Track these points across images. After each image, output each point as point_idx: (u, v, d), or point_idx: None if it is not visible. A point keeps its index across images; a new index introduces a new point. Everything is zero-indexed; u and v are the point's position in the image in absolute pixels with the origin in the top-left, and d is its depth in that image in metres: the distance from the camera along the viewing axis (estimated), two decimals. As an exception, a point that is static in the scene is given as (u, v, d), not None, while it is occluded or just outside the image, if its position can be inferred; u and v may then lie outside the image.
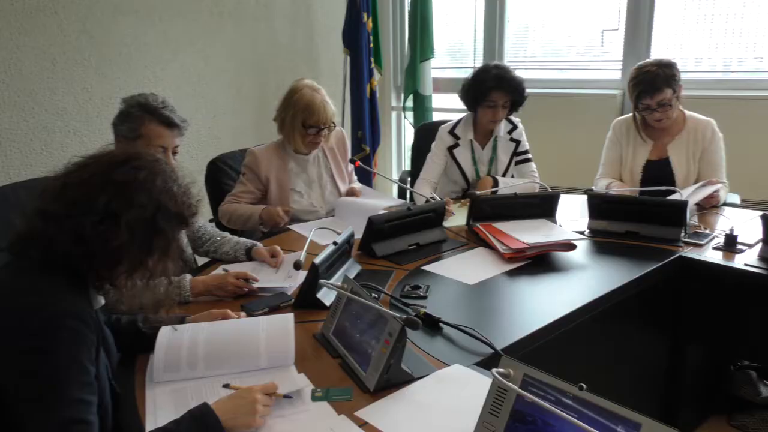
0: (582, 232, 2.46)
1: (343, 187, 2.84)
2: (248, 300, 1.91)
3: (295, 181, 2.75)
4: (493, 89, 2.85)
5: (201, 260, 2.38)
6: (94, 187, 1.24)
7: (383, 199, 2.77)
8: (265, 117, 2.84)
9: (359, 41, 4.26)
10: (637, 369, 2.29)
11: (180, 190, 1.32)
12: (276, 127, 2.75)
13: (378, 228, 2.27)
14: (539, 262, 2.21)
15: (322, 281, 1.73)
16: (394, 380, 1.42)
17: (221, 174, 2.93)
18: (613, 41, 4.18)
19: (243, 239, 2.30)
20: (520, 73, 2.95)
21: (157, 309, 1.36)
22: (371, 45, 4.35)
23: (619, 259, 2.26)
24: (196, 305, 1.88)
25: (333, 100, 2.75)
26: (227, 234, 2.37)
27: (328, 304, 1.80)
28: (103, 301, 1.33)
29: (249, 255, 2.23)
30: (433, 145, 3.06)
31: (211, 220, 2.86)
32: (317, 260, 1.81)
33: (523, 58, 4.61)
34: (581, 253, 2.30)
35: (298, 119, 2.63)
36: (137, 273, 1.28)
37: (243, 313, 1.75)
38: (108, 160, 1.29)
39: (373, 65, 4.39)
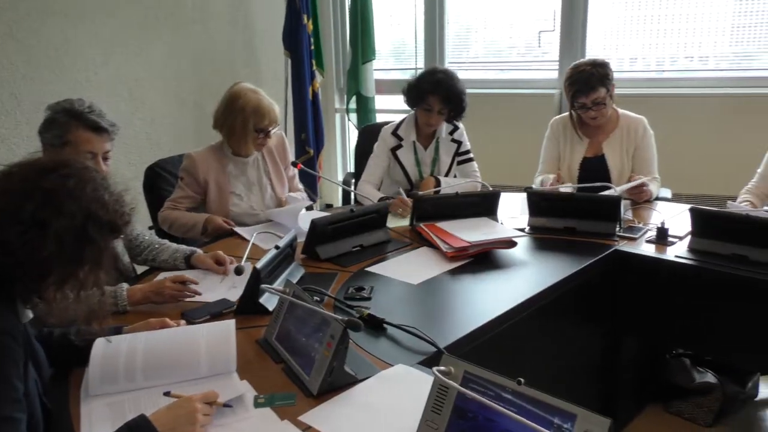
0: (522, 229, 2.51)
1: (281, 192, 2.81)
2: (189, 308, 1.87)
3: (234, 184, 2.72)
4: (430, 93, 2.87)
5: (141, 269, 2.32)
6: (20, 195, 1.19)
7: (298, 202, 2.75)
8: (207, 121, 2.78)
9: (300, 43, 4.23)
10: (577, 361, 2.35)
11: (112, 198, 1.28)
12: (216, 132, 2.71)
13: (321, 231, 2.26)
14: (482, 259, 2.24)
15: (263, 286, 1.71)
16: (337, 383, 1.42)
17: (160, 180, 2.87)
18: (551, 42, 4.29)
19: (183, 246, 2.26)
20: (463, 74, 2.98)
21: (89, 321, 1.31)
22: (312, 47, 4.32)
23: (558, 254, 2.31)
24: (135, 314, 1.83)
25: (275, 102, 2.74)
26: (166, 241, 2.31)
27: (271, 309, 1.78)
28: (31, 315, 1.28)
29: (189, 262, 2.19)
30: (376, 146, 3.07)
31: (150, 227, 2.80)
32: (259, 265, 1.78)
33: (466, 59, 4.69)
34: (522, 249, 2.34)
35: (250, 124, 2.60)
36: (67, 284, 1.23)
37: (183, 321, 1.71)
38: (35, 167, 1.25)
39: (314, 67, 4.37)
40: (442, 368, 1.22)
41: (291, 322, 1.60)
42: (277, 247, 1.95)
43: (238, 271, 1.96)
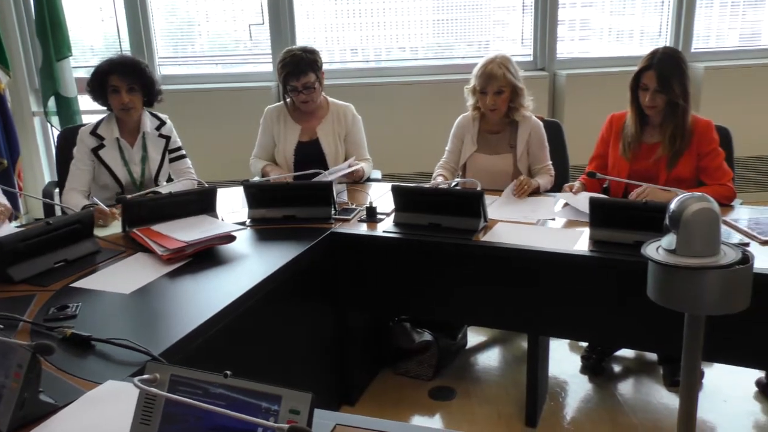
0: (243, 223, 2.51)
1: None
2: None
3: None
4: (108, 74, 2.72)
5: None
6: None
7: None
8: None
9: (-28, 39, 3.67)
10: (311, 340, 2.44)
11: None
12: None
13: (11, 249, 2.00)
14: (201, 258, 2.18)
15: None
16: (32, 415, 1.27)
17: None
18: (268, 37, 4.38)
19: None
20: (185, 69, 2.86)
21: None
22: (-11, 43, 3.78)
23: (279, 243, 2.36)
24: None
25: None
26: None
27: (-55, 348, 1.52)
28: None
29: None
30: (75, 150, 2.79)
31: None
32: None
33: (191, 53, 4.60)
34: (243, 242, 2.34)
35: None
36: None
37: None
38: None
39: (-5, 66, 3.83)
40: (145, 377, 1.16)
41: (-30, 359, 1.39)
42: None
43: None
